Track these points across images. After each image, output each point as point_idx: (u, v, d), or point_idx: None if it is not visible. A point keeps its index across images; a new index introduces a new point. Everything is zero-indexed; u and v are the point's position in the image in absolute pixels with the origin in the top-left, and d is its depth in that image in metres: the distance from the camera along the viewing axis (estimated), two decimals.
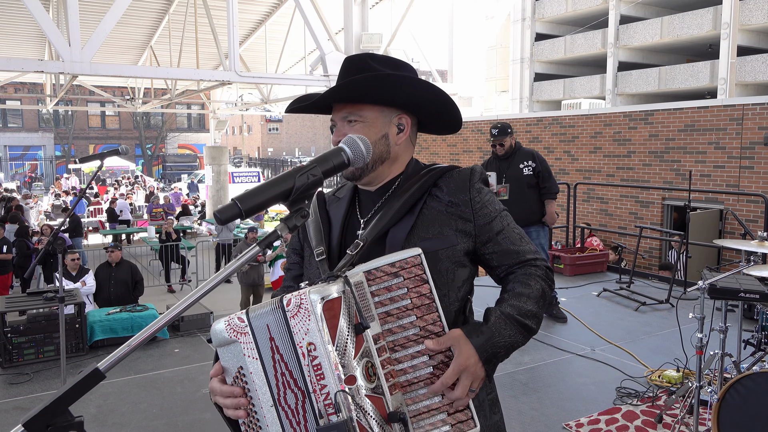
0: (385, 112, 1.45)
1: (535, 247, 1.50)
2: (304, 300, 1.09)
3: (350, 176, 1.45)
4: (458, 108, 1.49)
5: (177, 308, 0.96)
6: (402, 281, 1.22)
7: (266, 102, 17.74)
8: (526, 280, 1.41)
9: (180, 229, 15.76)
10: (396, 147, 1.47)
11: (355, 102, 1.43)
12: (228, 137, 50.67)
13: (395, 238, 1.38)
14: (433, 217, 1.41)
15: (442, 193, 1.44)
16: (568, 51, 26.70)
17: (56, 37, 7.62)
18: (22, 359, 5.03)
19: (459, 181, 1.45)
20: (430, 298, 1.23)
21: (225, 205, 0.98)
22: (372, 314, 1.20)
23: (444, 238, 1.40)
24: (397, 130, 1.46)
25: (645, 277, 7.60)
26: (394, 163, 1.49)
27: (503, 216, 1.47)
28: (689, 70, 22.04)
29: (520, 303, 1.36)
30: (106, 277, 7.81)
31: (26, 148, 38.61)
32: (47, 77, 16.91)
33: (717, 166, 9.47)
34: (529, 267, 1.44)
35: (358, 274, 1.21)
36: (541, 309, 1.40)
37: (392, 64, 1.48)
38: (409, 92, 1.43)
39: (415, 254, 1.23)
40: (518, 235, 1.47)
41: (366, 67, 1.42)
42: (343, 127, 1.44)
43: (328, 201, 1.58)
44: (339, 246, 1.46)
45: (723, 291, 3.28)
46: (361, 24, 9.66)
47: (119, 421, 4.03)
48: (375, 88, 1.40)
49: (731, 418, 3.01)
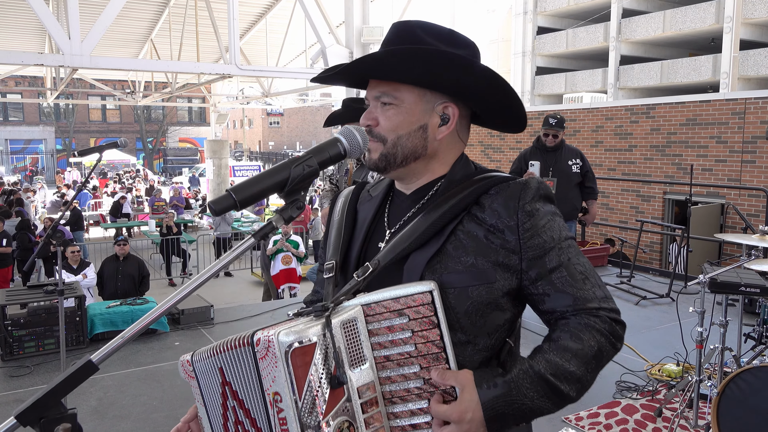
0: (427, 97, 1.19)
1: (605, 292, 1.16)
2: (272, 343, 0.94)
3: (373, 166, 1.22)
4: (522, 103, 1.23)
5: (171, 300, 0.95)
6: (406, 322, 1.02)
7: (267, 95, 17.70)
8: (578, 331, 1.10)
9: (181, 222, 15.77)
10: (435, 142, 1.20)
11: (391, 79, 1.18)
12: (229, 131, 50.65)
13: (415, 265, 1.12)
14: (468, 244, 1.12)
15: (483, 213, 1.14)
16: (569, 45, 26.60)
17: (56, 30, 7.59)
18: (23, 352, 5.03)
19: (506, 199, 1.14)
20: (439, 346, 1.02)
21: (220, 196, 0.97)
22: (364, 357, 1.01)
23: (477, 272, 1.11)
24: (440, 121, 1.19)
25: (646, 272, 7.59)
26: (433, 162, 1.23)
27: (564, 247, 1.15)
28: (692, 64, 21.96)
29: (561, 360, 1.07)
30: (114, 270, 7.79)
31: (27, 142, 38.61)
32: (47, 71, 16.89)
33: (719, 161, 9.44)
34: (589, 317, 1.12)
35: (353, 308, 1.02)
36: (590, 373, 1.09)
37: (447, 39, 1.19)
38: (460, 76, 1.15)
39: (425, 291, 1.01)
40: (582, 273, 1.15)
41: (413, 38, 1.17)
42: (374, 110, 1.21)
43: (362, 198, 1.35)
44: (358, 259, 1.23)
45: (723, 285, 3.28)
46: (362, 17, 9.60)
47: (119, 413, 4.03)
48: (415, 66, 1.13)
49: (731, 412, 3.00)
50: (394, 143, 1.19)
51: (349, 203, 1.34)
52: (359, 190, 1.38)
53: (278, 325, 1.01)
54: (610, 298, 1.17)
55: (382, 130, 1.19)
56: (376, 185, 1.35)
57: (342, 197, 1.38)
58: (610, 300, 1.16)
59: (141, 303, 5.87)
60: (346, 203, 1.34)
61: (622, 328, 1.16)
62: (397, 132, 1.18)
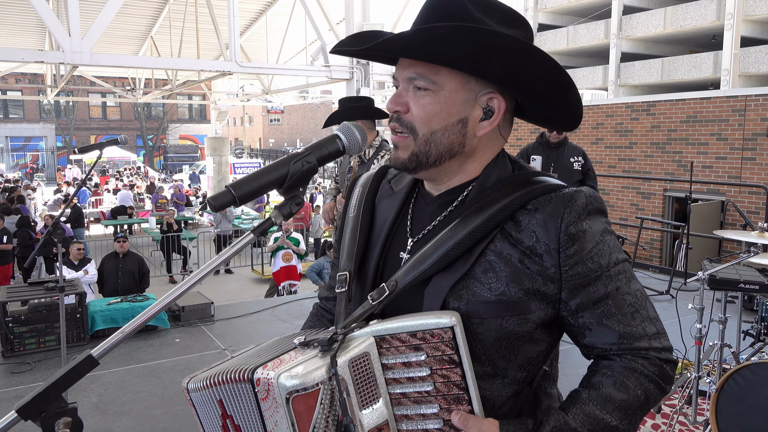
0: (470, 84, 1.00)
1: (657, 326, 1.01)
2: (272, 386, 0.87)
3: (401, 166, 1.05)
4: (581, 99, 1.03)
5: (171, 295, 0.95)
6: (425, 359, 0.91)
7: (267, 92, 17.69)
8: (624, 378, 0.97)
9: (181, 219, 15.77)
10: (474, 139, 1.03)
11: (432, 60, 0.98)
12: (229, 128, 50.60)
13: (438, 289, 0.98)
14: (500, 268, 0.97)
15: (519, 233, 0.98)
16: (570, 42, 26.57)
17: (56, 27, 7.59)
18: (24, 349, 5.05)
19: (547, 217, 0.97)
20: (461, 387, 0.91)
21: (219, 192, 0.97)
22: (377, 394, 0.92)
23: (509, 302, 0.96)
24: (483, 114, 1.02)
25: (646, 269, 7.60)
26: (469, 161, 1.05)
27: (613, 275, 0.98)
28: (692, 61, 21.94)
29: (601, 412, 0.94)
30: (114, 267, 7.81)
31: (27, 139, 38.60)
32: (48, 68, 16.88)
33: (719, 158, 9.44)
34: (637, 359, 0.98)
35: (365, 341, 0.92)
36: (633, 425, 0.97)
37: (499, 14, 0.99)
38: (515, 63, 0.96)
39: (446, 326, 0.89)
40: (631, 306, 0.99)
41: (461, 12, 0.97)
42: (405, 93, 1.02)
43: (382, 192, 1.18)
44: (377, 269, 1.09)
45: (722, 282, 3.29)
46: (363, 14, 9.59)
47: (120, 410, 4.05)
48: (464, 46, 0.93)
49: (729, 409, 3.01)
50: (427, 139, 1.01)
51: (366, 196, 1.18)
52: (379, 180, 1.21)
53: (280, 360, 0.93)
54: (663, 334, 1.02)
55: (414, 119, 1.01)
56: (398, 177, 1.18)
57: (359, 186, 1.22)
58: (662, 337, 1.01)
59: (142, 300, 5.89)
60: (364, 196, 1.18)
61: (673, 368, 1.02)
62: (431, 125, 1.01)
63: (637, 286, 1.02)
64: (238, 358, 1.03)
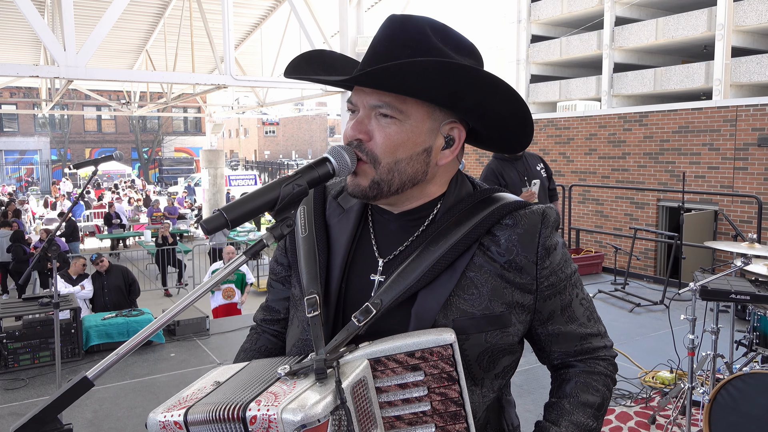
0: (436, 114, 1.01)
1: (602, 326, 1.13)
2: (275, 423, 0.81)
3: (360, 194, 1.03)
4: (533, 124, 1.06)
5: (165, 317, 0.97)
6: (422, 378, 0.89)
7: (262, 105, 17.74)
8: (591, 380, 1.08)
9: (177, 232, 15.75)
10: (437, 167, 1.04)
11: (402, 93, 0.97)
12: (224, 140, 50.67)
13: (426, 307, 0.98)
14: (481, 283, 1.00)
15: (498, 247, 1.01)
16: (563, 52, 26.77)
17: (51, 42, 7.62)
18: (18, 365, 5.03)
19: (524, 232, 1.02)
20: (458, 404, 0.90)
21: (211, 215, 0.99)
22: (375, 422, 0.90)
23: (493, 316, 0.99)
24: (444, 143, 1.03)
25: (640, 279, 7.63)
26: (429, 185, 1.06)
27: (573, 283, 1.08)
28: (684, 72, 22.12)
29: (584, 418, 1.04)
30: (99, 285, 7.87)
31: (22, 152, 38.56)
32: (43, 81, 16.91)
33: (711, 168, 9.51)
34: (597, 361, 1.10)
35: (360, 365, 0.89)
36: (602, 420, 1.08)
37: (455, 42, 1.00)
38: (487, 96, 0.98)
39: (446, 343, 0.89)
40: (586, 309, 1.10)
41: (425, 43, 0.96)
42: (368, 120, 1.01)
43: (330, 210, 1.16)
44: (338, 291, 1.06)
45: (714, 292, 3.31)
46: (357, 27, 9.67)
47: (115, 426, 4.03)
48: (442, 83, 0.93)
49: (722, 419, 3.03)
50: (390, 168, 1.01)
51: (315, 215, 1.14)
52: (323, 196, 1.18)
53: (273, 394, 0.86)
54: (606, 332, 1.15)
55: (377, 148, 1.00)
56: (345, 194, 1.14)
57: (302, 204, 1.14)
58: (606, 335, 1.14)
59: (136, 315, 5.88)
60: (312, 214, 1.15)
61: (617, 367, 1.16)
62: (396, 155, 1.00)
63: (586, 291, 1.14)
64: (218, 393, 0.94)
